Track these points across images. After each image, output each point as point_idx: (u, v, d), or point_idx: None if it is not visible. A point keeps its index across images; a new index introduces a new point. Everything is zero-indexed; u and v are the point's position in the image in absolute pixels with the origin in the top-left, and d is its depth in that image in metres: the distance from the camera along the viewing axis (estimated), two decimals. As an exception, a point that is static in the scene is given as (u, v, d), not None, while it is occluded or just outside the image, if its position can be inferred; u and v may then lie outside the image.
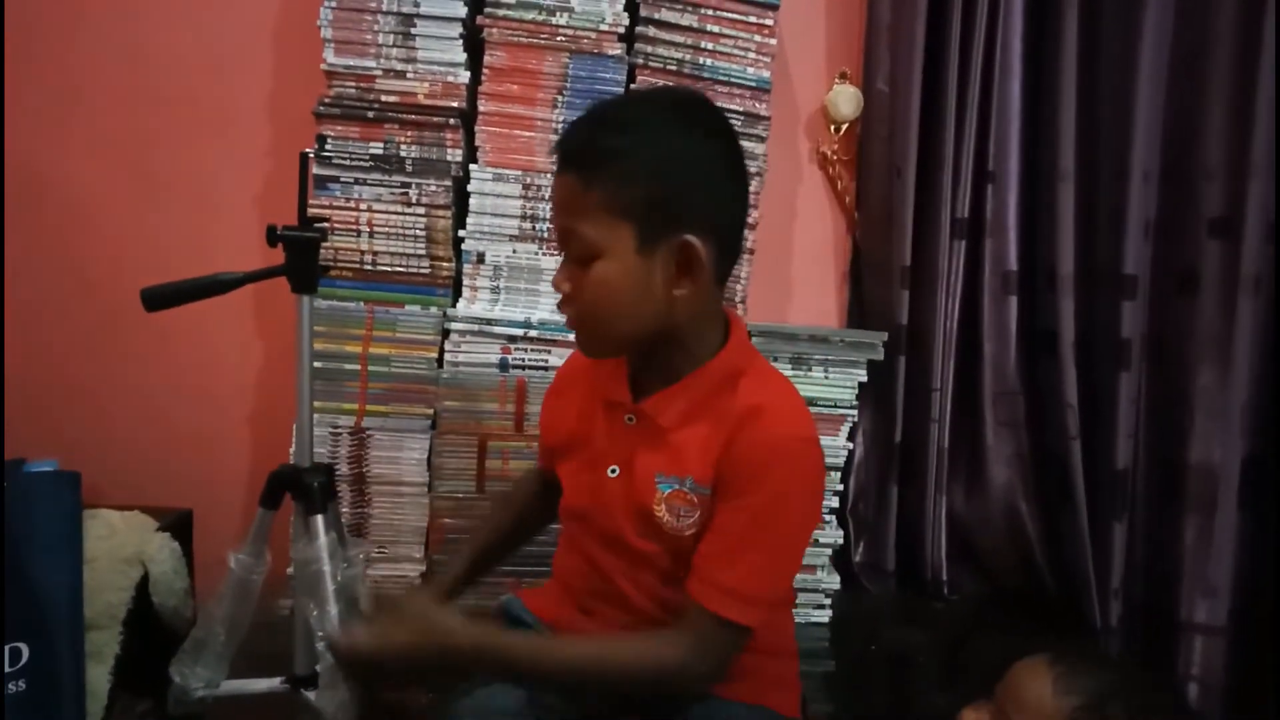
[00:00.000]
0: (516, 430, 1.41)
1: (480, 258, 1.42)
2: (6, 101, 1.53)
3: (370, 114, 1.38)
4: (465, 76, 1.39)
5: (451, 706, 0.94)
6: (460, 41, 1.38)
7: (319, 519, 0.94)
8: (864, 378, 1.50)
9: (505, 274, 1.42)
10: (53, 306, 1.58)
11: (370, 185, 1.39)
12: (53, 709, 1.11)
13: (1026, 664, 1.01)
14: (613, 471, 0.95)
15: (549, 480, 1.11)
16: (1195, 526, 1.50)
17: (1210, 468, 1.50)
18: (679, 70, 1.43)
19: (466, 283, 1.42)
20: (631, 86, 1.42)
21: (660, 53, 1.42)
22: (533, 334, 1.40)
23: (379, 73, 1.37)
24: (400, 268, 1.40)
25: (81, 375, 1.59)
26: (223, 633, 0.99)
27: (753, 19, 1.43)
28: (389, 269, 1.40)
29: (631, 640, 0.91)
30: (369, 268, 1.40)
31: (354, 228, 1.39)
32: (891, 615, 1.56)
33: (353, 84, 1.38)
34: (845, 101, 1.62)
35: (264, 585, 1.02)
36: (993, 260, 1.62)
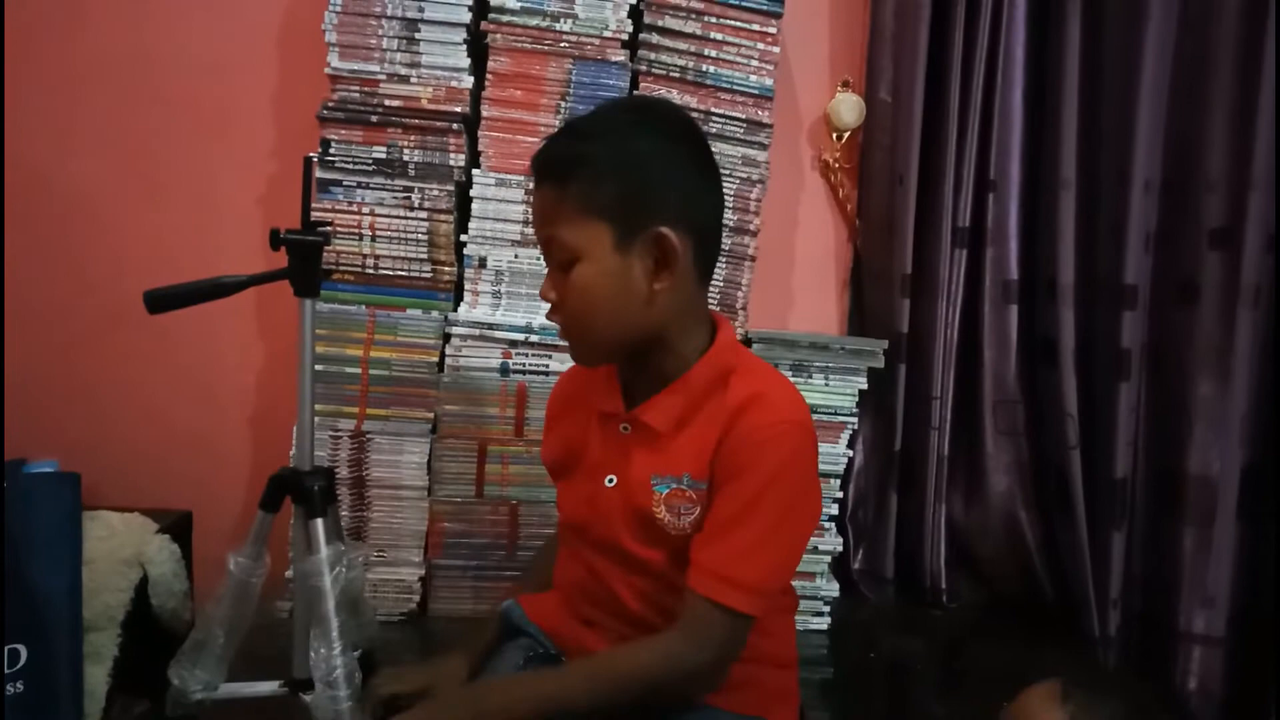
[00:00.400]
0: (517, 435, 1.41)
1: (482, 262, 1.42)
2: (9, 102, 1.53)
3: (374, 118, 1.38)
4: (469, 81, 1.39)
5: None
6: (464, 47, 1.39)
7: (319, 524, 0.94)
8: (864, 385, 1.51)
9: (507, 279, 1.42)
10: (55, 307, 1.58)
11: (373, 189, 1.39)
12: (51, 710, 1.11)
13: (1038, 692, 1.00)
14: (610, 481, 0.96)
15: None
16: (1194, 536, 1.50)
17: (1209, 477, 1.50)
18: (682, 77, 1.43)
19: (468, 287, 1.42)
20: (634, 90, 1.43)
21: (663, 60, 1.43)
22: (534, 339, 1.40)
23: (383, 77, 1.38)
24: (402, 272, 1.40)
25: (82, 376, 1.59)
26: (221, 635, 0.98)
27: (756, 27, 1.44)
28: (391, 273, 1.40)
29: (637, 646, 0.92)
30: (371, 271, 1.40)
31: (356, 231, 1.39)
32: (890, 623, 1.56)
33: (356, 88, 1.38)
34: (847, 109, 1.62)
35: (263, 588, 1.02)
36: (993, 269, 1.62)
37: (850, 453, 1.55)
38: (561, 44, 1.39)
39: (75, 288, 1.58)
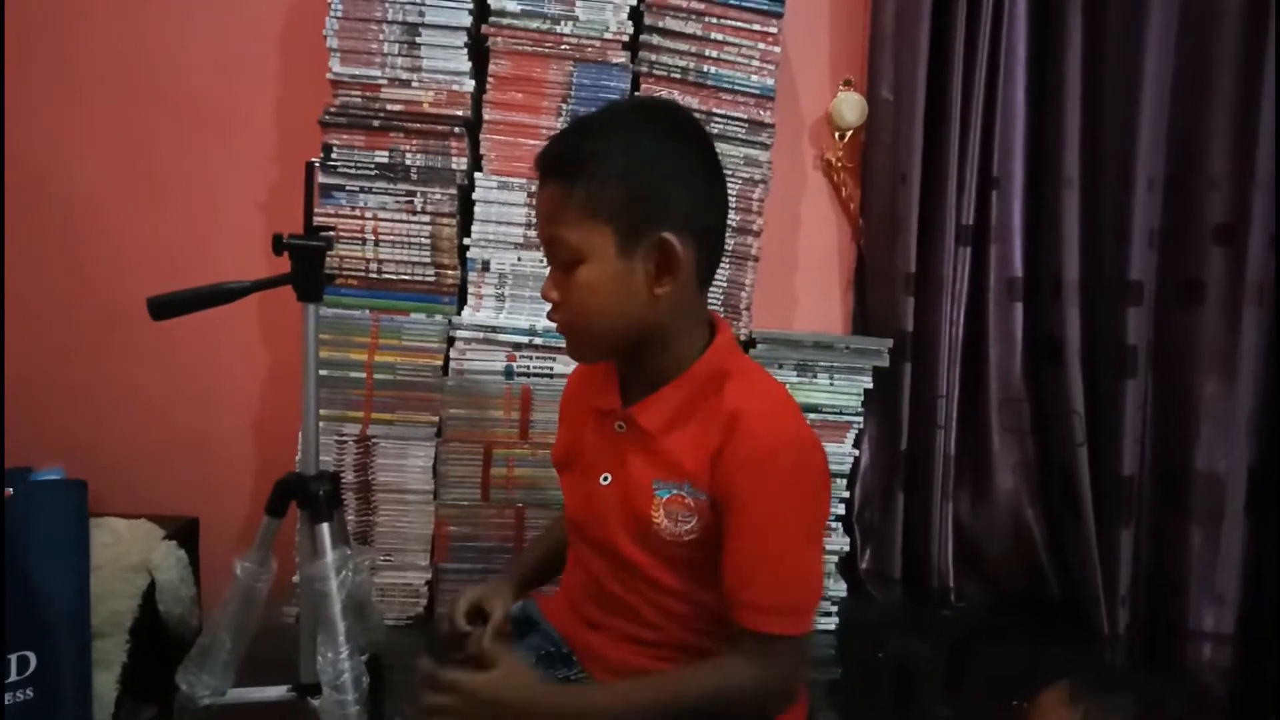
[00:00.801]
0: (521, 438, 1.41)
1: (485, 265, 1.42)
2: (11, 104, 1.53)
3: (376, 123, 1.38)
4: (470, 85, 1.39)
5: None
6: (465, 50, 1.39)
7: (324, 529, 0.94)
8: (869, 385, 1.50)
9: (510, 281, 1.42)
10: (59, 312, 1.59)
11: (375, 194, 1.39)
12: (60, 716, 1.11)
13: (1050, 695, 1.00)
14: (605, 479, 0.96)
15: None
16: (1202, 534, 1.50)
17: (1216, 475, 1.49)
18: (683, 78, 1.43)
19: (471, 290, 1.42)
20: (635, 92, 1.43)
21: (664, 61, 1.43)
22: (537, 341, 1.40)
23: (384, 82, 1.38)
24: (405, 276, 1.41)
25: (87, 382, 1.60)
26: (228, 640, 0.99)
27: (757, 27, 1.43)
28: (394, 277, 1.40)
29: (701, 671, 0.91)
30: (374, 276, 1.40)
31: (359, 236, 1.39)
32: (898, 623, 1.56)
33: (358, 93, 1.38)
34: (849, 109, 1.62)
35: (270, 593, 1.03)
36: (998, 267, 1.62)
37: (856, 452, 1.54)
38: (562, 46, 1.39)
39: (79, 293, 1.58)
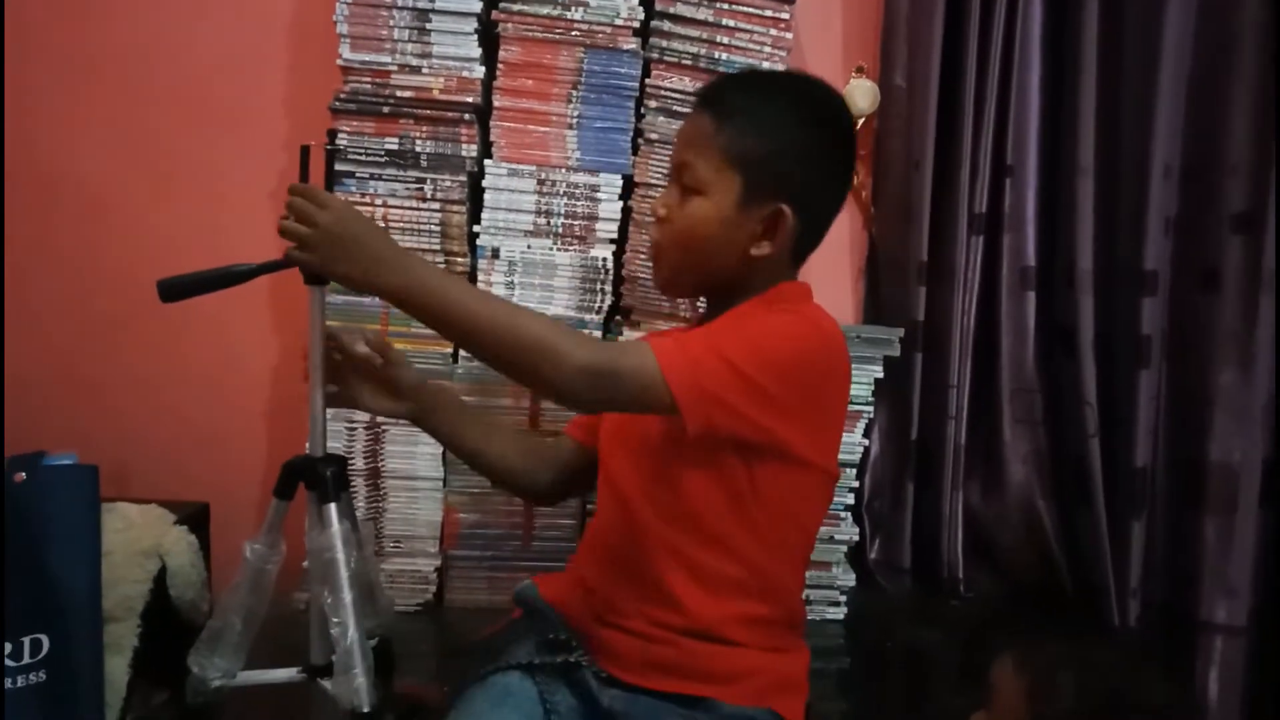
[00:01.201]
0: (531, 425, 1.41)
1: (495, 253, 1.42)
2: (21, 98, 1.54)
3: (385, 109, 1.38)
4: (480, 72, 1.39)
5: (463, 692, 0.96)
6: (475, 37, 1.38)
7: (332, 507, 0.94)
8: (880, 374, 1.49)
9: (520, 269, 1.42)
10: (69, 300, 1.59)
11: (385, 180, 1.39)
12: (72, 699, 1.12)
13: (998, 672, 1.01)
14: None
15: (563, 457, 1.18)
16: (1215, 525, 1.49)
17: (1231, 466, 1.48)
18: (694, 64, 1.42)
19: (481, 278, 1.42)
20: (646, 80, 1.42)
21: (675, 47, 1.42)
22: (547, 329, 1.40)
23: (394, 68, 1.38)
24: (415, 263, 1.41)
25: (96, 369, 1.60)
26: (239, 623, 0.99)
27: (768, 13, 1.42)
28: (404, 264, 1.40)
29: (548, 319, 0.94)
30: (384, 262, 1.40)
31: (369, 223, 1.39)
32: (907, 613, 1.55)
33: (368, 79, 1.38)
34: (862, 96, 1.61)
35: (281, 580, 1.03)
36: (1011, 256, 1.61)
37: (866, 442, 1.53)
38: (573, 32, 1.39)
39: (88, 281, 1.59)
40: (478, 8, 1.37)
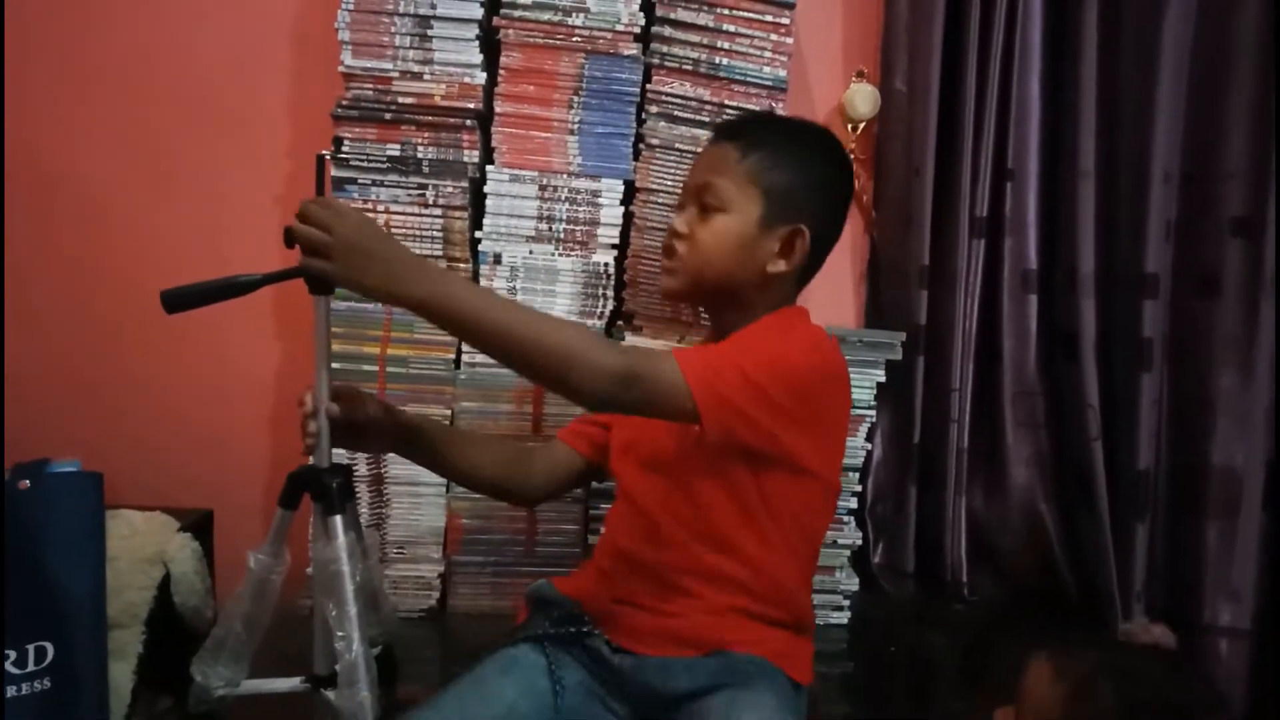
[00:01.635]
0: (534, 431, 1.41)
1: (497, 259, 1.42)
2: (23, 103, 1.54)
3: (387, 116, 1.38)
4: (481, 78, 1.39)
5: (474, 667, 1.01)
6: (476, 43, 1.38)
7: (337, 520, 0.94)
8: (882, 378, 1.49)
9: (522, 275, 1.42)
10: (74, 309, 1.60)
11: (388, 187, 1.40)
12: (77, 706, 1.12)
13: (1033, 660, 1.01)
14: None
15: (556, 460, 1.20)
16: (1218, 529, 1.49)
17: (1233, 469, 1.48)
18: (695, 70, 1.42)
19: (483, 284, 1.42)
20: (647, 86, 1.42)
21: (676, 52, 1.42)
22: (549, 335, 1.40)
23: (396, 74, 1.38)
24: (417, 269, 1.41)
25: (103, 377, 1.60)
26: (243, 632, 0.99)
27: (769, 18, 1.42)
28: (406, 270, 1.41)
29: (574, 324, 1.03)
30: (387, 269, 1.40)
31: (372, 229, 1.39)
32: (911, 617, 1.55)
33: (370, 86, 1.38)
34: (862, 100, 1.61)
35: (284, 587, 1.03)
36: (1012, 259, 1.61)
37: (869, 446, 1.54)
38: (574, 38, 1.39)
39: (92, 287, 1.59)
40: (479, 14, 1.37)
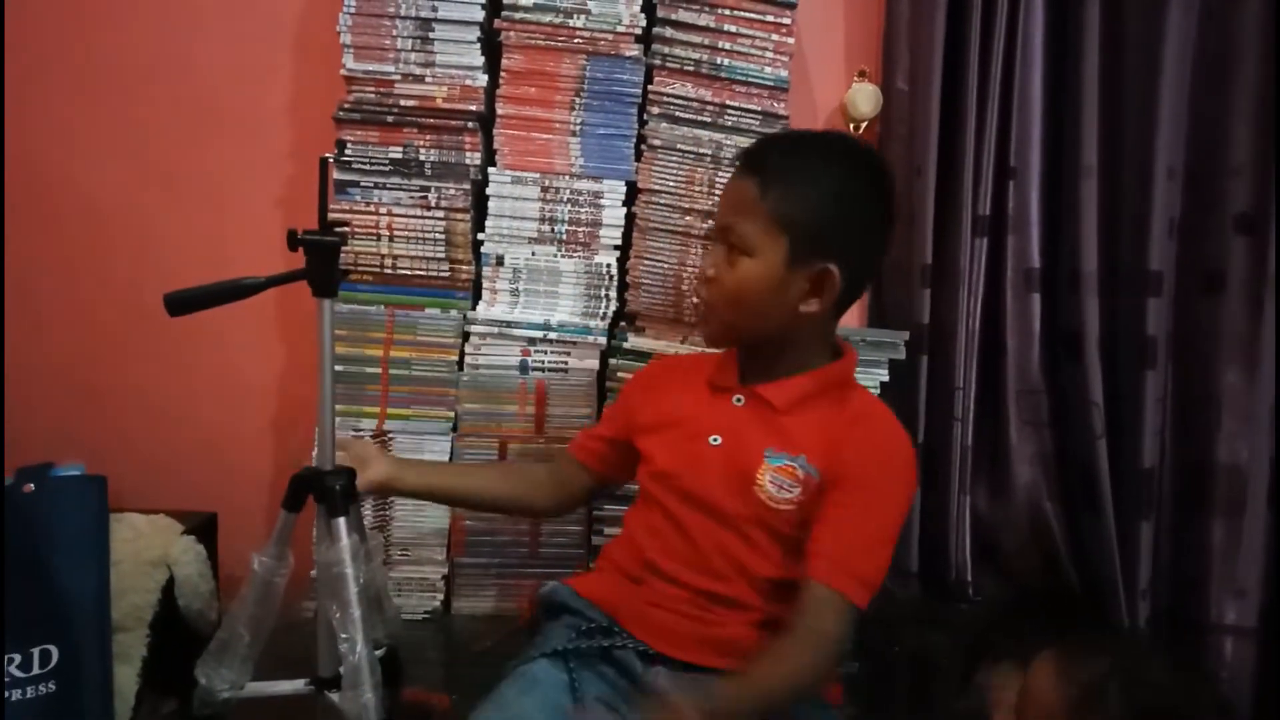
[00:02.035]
0: (537, 432, 1.42)
1: (499, 260, 1.42)
2: (26, 109, 1.54)
3: (389, 118, 1.38)
4: (483, 80, 1.39)
5: (498, 688, 0.98)
6: (478, 45, 1.39)
7: (341, 523, 0.94)
8: (885, 377, 1.49)
9: (524, 276, 1.42)
10: (78, 312, 1.60)
11: (390, 189, 1.40)
12: (81, 710, 1.12)
13: (1038, 659, 1.01)
14: (715, 440, 1.04)
15: (565, 474, 1.19)
16: (1223, 526, 1.48)
17: (1238, 467, 1.47)
18: (696, 70, 1.42)
19: (486, 285, 1.43)
20: (648, 87, 1.42)
21: (677, 53, 1.42)
22: (552, 336, 1.40)
23: (398, 77, 1.38)
24: (420, 271, 1.41)
25: (106, 381, 1.61)
26: (247, 634, 0.99)
27: (770, 18, 1.42)
28: (409, 272, 1.41)
29: (778, 657, 0.95)
30: (389, 271, 1.41)
31: (374, 232, 1.39)
32: (915, 617, 1.55)
33: (372, 89, 1.39)
34: (864, 100, 1.61)
35: (288, 589, 1.03)
36: (1015, 258, 1.60)
37: (872, 445, 1.53)
38: (575, 40, 1.39)
39: (95, 292, 1.60)
40: (480, 16, 1.37)
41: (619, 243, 1.43)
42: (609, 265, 1.43)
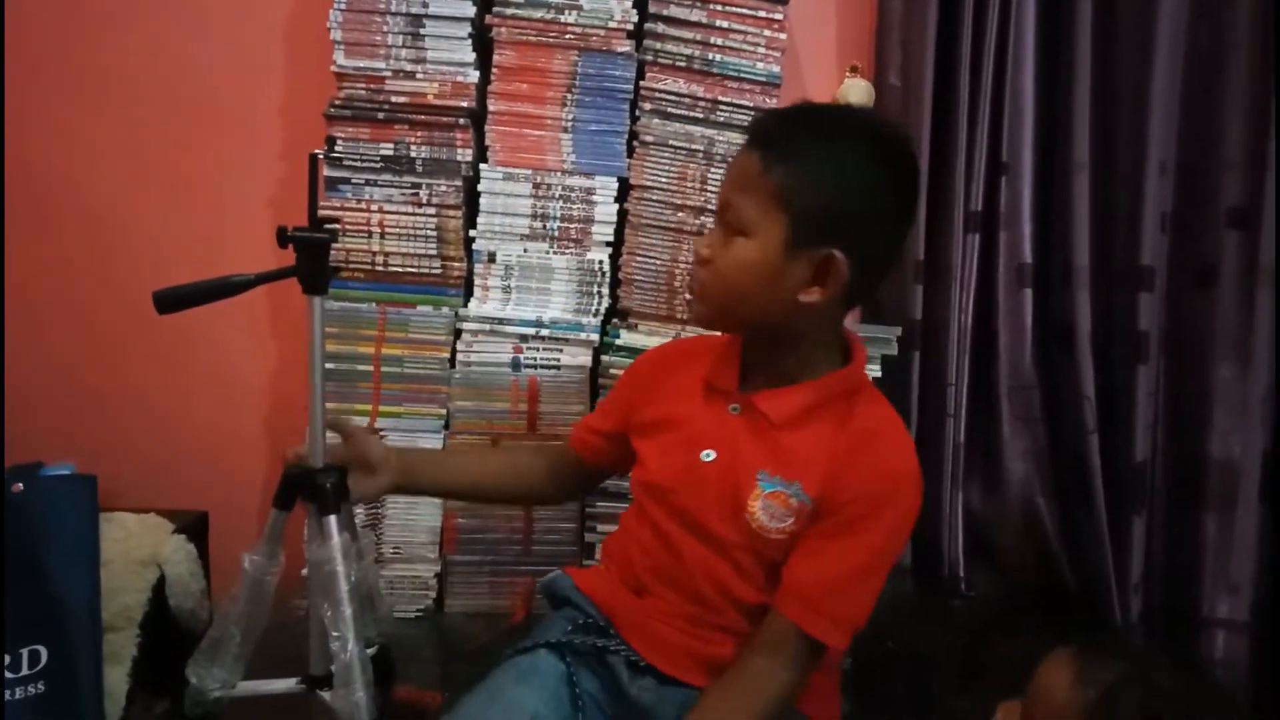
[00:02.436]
0: (529, 430, 1.41)
1: (491, 257, 1.42)
2: (20, 107, 1.54)
3: (380, 115, 1.38)
4: (474, 76, 1.38)
5: (493, 675, 0.96)
6: (469, 41, 1.38)
7: (332, 520, 0.94)
8: (878, 373, 1.49)
9: (516, 273, 1.42)
10: (66, 309, 1.59)
11: (381, 186, 1.39)
12: (73, 710, 1.12)
13: (1050, 659, 1.00)
14: (707, 456, 0.96)
15: (565, 464, 1.15)
16: (1216, 521, 1.49)
17: (1230, 461, 1.48)
18: (688, 66, 1.42)
19: (478, 282, 1.42)
20: (640, 83, 1.42)
21: (669, 49, 1.42)
22: (544, 333, 1.40)
23: (388, 74, 1.38)
24: (412, 268, 1.40)
25: (96, 379, 1.60)
26: (238, 633, 0.98)
27: (762, 13, 1.42)
28: (400, 269, 1.40)
29: (734, 689, 0.91)
30: (380, 268, 1.40)
31: (365, 229, 1.39)
32: (908, 613, 1.55)
33: (363, 85, 1.38)
34: (856, 95, 1.60)
35: (280, 588, 1.03)
36: (1007, 253, 1.60)
37: (865, 442, 1.53)
38: (566, 36, 1.39)
39: (86, 290, 1.59)
40: (471, 12, 1.37)
41: (611, 239, 1.43)
42: (601, 262, 1.42)
